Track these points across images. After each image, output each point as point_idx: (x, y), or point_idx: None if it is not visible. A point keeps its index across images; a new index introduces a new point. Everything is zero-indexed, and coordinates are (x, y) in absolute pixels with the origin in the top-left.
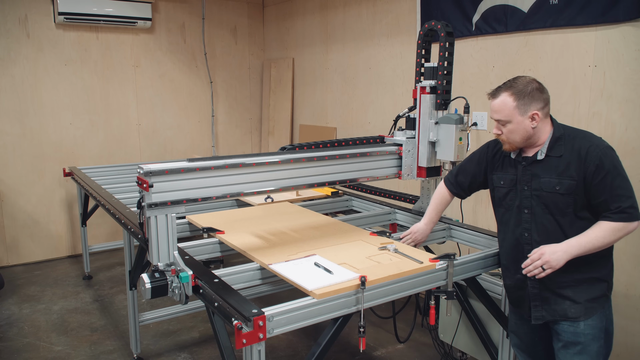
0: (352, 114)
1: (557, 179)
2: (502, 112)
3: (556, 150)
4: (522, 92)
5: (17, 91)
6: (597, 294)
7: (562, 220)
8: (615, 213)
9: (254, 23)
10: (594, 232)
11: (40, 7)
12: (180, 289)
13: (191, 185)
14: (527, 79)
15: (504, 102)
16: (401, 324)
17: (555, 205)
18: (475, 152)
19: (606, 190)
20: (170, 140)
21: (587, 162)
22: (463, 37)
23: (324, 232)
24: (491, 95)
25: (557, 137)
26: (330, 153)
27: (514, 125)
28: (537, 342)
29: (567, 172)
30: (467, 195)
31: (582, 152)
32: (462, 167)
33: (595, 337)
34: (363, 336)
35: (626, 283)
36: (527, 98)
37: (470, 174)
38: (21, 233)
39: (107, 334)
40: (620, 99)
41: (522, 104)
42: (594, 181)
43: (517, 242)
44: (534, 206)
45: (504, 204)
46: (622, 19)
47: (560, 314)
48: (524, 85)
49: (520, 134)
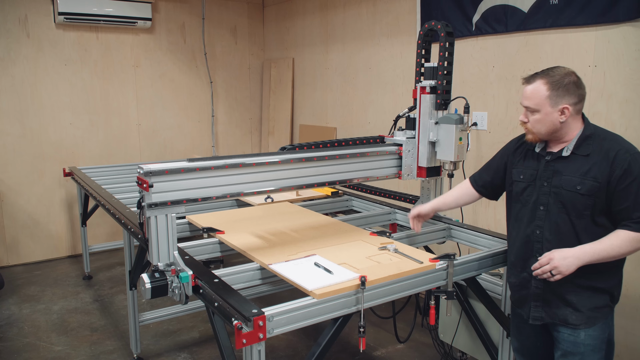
0: (352, 114)
1: (580, 178)
2: (532, 100)
3: (583, 149)
4: (557, 83)
5: (17, 91)
6: (600, 304)
7: (577, 222)
8: (636, 222)
9: (254, 23)
10: (610, 240)
11: (40, 7)
12: (180, 289)
13: (191, 185)
14: (566, 70)
15: (537, 89)
16: (401, 324)
17: (573, 206)
18: (499, 150)
19: (630, 198)
20: (170, 140)
21: (615, 165)
22: (463, 37)
23: (324, 232)
24: (526, 80)
25: (587, 136)
26: (330, 153)
27: (541, 116)
28: (538, 347)
29: (591, 173)
30: (490, 193)
31: (610, 153)
32: (487, 163)
33: (595, 348)
34: (363, 336)
35: (626, 283)
36: (561, 90)
37: (492, 170)
38: (21, 233)
39: (107, 334)
40: (620, 99)
41: (554, 95)
42: (618, 186)
43: (527, 239)
44: (550, 204)
45: (521, 199)
46: (622, 19)
47: (560, 318)
48: (561, 76)
49: (546, 126)
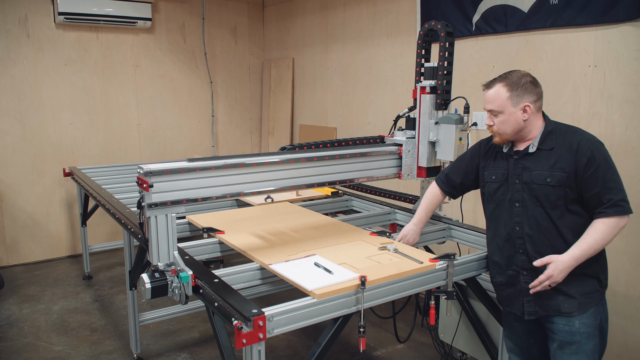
0: (352, 114)
1: (548, 171)
2: (495, 102)
3: (547, 143)
4: (515, 84)
5: (17, 91)
6: (590, 290)
7: (553, 213)
8: (609, 207)
9: (254, 23)
10: (592, 236)
11: (40, 7)
12: (180, 289)
13: (191, 185)
14: (521, 72)
15: (498, 92)
16: (401, 324)
17: (546, 198)
18: (467, 151)
19: (598, 183)
20: (170, 140)
21: (579, 155)
22: (463, 37)
23: (324, 232)
24: (486, 86)
25: (549, 131)
26: (330, 153)
27: (505, 116)
28: (532, 344)
29: (558, 165)
30: (459, 194)
31: (573, 145)
32: (454, 165)
33: (590, 335)
34: (363, 336)
35: (626, 283)
36: (520, 90)
37: (462, 172)
38: (21, 233)
39: (107, 334)
40: (620, 99)
41: (515, 95)
42: (585, 174)
43: (509, 237)
44: (525, 199)
45: (494, 198)
46: (622, 19)
47: (553, 309)
48: (518, 77)
49: (511, 125)
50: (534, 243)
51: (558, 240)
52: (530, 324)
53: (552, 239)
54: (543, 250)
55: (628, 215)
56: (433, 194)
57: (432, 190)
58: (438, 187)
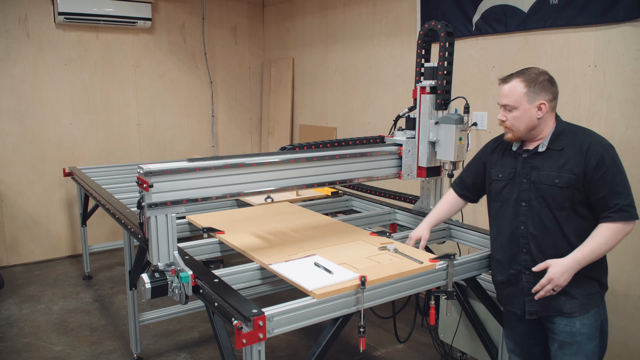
0: (352, 114)
1: (557, 172)
2: (510, 97)
3: (557, 144)
4: (533, 81)
5: (17, 91)
6: (591, 291)
7: (559, 215)
8: (615, 212)
9: (254, 23)
10: (596, 240)
11: (40, 7)
12: (180, 289)
13: (191, 185)
14: (539, 69)
15: (514, 87)
16: (401, 324)
17: (553, 199)
18: (478, 152)
19: (606, 187)
20: (170, 140)
21: (589, 157)
22: (463, 37)
23: (324, 232)
24: (502, 80)
25: (560, 132)
26: (330, 153)
27: (520, 112)
28: (533, 344)
29: (567, 166)
30: (474, 196)
31: (583, 146)
32: (466, 167)
33: (591, 336)
34: (363, 336)
35: (626, 283)
36: (537, 87)
37: (473, 172)
38: (21, 233)
39: (107, 334)
40: (620, 99)
41: (531, 92)
42: (594, 177)
43: (512, 236)
44: (531, 199)
45: (500, 197)
46: (622, 19)
47: (555, 309)
48: (536, 74)
49: (524, 122)
50: (537, 243)
51: (562, 241)
52: (531, 323)
53: (556, 240)
54: (546, 251)
55: (634, 222)
56: (447, 197)
57: (446, 195)
58: (453, 191)
